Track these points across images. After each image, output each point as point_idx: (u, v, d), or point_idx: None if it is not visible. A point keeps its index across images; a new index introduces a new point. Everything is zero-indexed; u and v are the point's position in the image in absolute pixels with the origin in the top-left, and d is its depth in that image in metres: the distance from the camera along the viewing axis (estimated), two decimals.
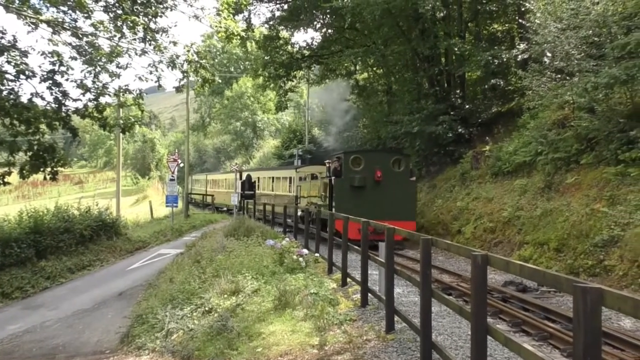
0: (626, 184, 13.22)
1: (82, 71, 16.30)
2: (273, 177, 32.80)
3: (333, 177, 19.30)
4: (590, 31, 15.24)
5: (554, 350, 7.47)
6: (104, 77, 19.14)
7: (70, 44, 15.99)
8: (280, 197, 29.68)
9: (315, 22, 32.07)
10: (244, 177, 29.37)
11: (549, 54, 17.09)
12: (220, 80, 63.62)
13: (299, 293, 10.33)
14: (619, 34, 14.48)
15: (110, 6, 16.56)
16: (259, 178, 33.94)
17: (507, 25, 27.73)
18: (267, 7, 31.82)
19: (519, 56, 21.04)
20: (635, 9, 13.88)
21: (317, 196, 21.77)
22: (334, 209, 18.09)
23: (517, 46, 21.73)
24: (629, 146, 13.89)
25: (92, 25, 16.14)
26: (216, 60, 74.88)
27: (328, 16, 30.29)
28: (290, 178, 28.31)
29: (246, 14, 30.01)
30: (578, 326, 3.27)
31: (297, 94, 48.26)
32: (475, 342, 5.01)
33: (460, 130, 23.76)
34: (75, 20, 16.31)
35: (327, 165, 20.70)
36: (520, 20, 22.23)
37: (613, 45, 14.38)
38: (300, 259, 13.30)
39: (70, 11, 16.11)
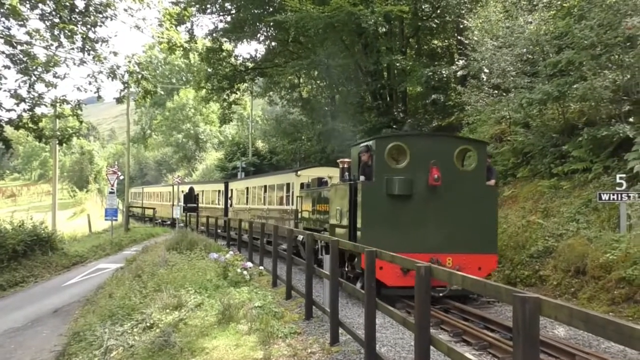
0: (559, 197, 13.79)
1: (16, 80, 15.82)
2: (265, 186, 23.23)
3: (356, 181, 11.56)
4: (525, 49, 15.87)
5: (493, 359, 7.66)
6: (40, 87, 18.61)
7: (3, 52, 15.48)
8: (270, 213, 21.96)
9: (258, 35, 32.11)
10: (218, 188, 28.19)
11: (486, 71, 17.68)
12: (162, 92, 62.70)
13: (243, 307, 10.24)
14: (551, 52, 15.15)
15: (47, 14, 16.15)
16: (233, 190, 28.22)
17: (446, 41, 28.55)
18: (209, 19, 31.83)
19: (458, 72, 21.68)
20: (565, 28, 14.54)
21: (324, 212, 14.04)
22: (359, 234, 10.93)
23: (457, 62, 22.40)
24: (561, 160, 14.53)
25: (27, 33, 15.69)
26: (158, 72, 73.76)
27: (272, 29, 30.36)
28: (288, 186, 20.09)
29: (189, 25, 29.76)
30: (517, 334, 3.38)
31: (241, 106, 48.00)
32: (419, 352, 5.10)
33: None
34: (9, 28, 15.83)
35: (342, 166, 13.47)
36: (459, 37, 22.92)
37: (546, 63, 15.03)
38: (245, 272, 13.20)
39: (3, 19, 15.61)
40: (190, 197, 27.02)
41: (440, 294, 10.21)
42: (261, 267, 14.97)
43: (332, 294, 8.18)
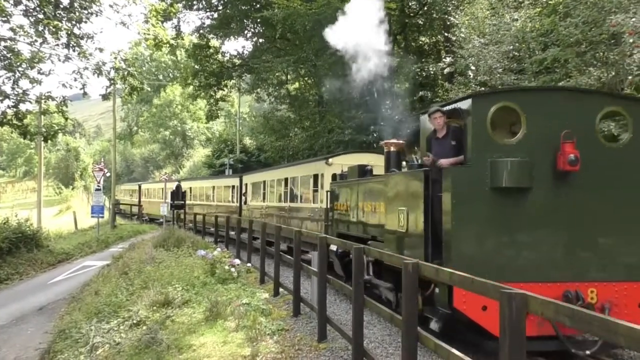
0: None
1: (0, 77, 15.65)
2: (286, 179, 19.08)
3: (436, 167, 7.63)
4: (511, 46, 15.94)
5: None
6: (25, 84, 18.41)
7: None
8: (292, 212, 17.93)
9: (246, 31, 32.00)
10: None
11: (473, 68, 17.74)
12: (149, 88, 62.37)
13: (230, 304, 10.22)
14: (537, 49, 15.23)
15: (31, 10, 16.00)
16: (247, 184, 24.10)
17: (433, 38, 28.61)
18: (197, 15, 31.55)
19: (446, 69, 21.74)
20: (550, 26, 14.61)
21: (371, 213, 10.12)
22: (446, 253, 7.01)
23: (444, 59, 22.45)
24: None
25: (11, 29, 15.54)
26: (144, 68, 73.31)
27: (259, 26, 30.28)
28: (315, 178, 16.25)
29: (175, 21, 29.61)
30: (504, 330, 3.40)
31: (229, 103, 47.82)
32: (406, 348, 5.12)
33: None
34: None
35: (388, 150, 10.14)
36: (446, 34, 22.98)
37: (532, 60, 15.11)
38: (232, 269, 13.17)
39: None
40: (178, 195, 26.91)
41: (587, 352, 6.48)
42: (249, 264, 14.96)
43: (319, 290, 8.19)
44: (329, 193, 13.52)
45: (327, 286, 8.31)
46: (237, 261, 14.04)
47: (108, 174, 35.82)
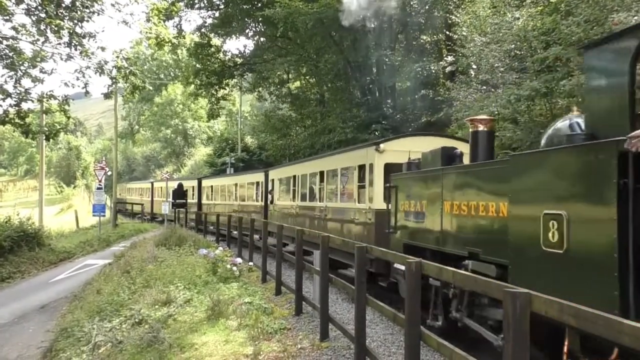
0: None
1: (2, 76, 15.68)
2: (322, 173, 15.48)
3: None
4: (513, 45, 15.92)
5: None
6: (27, 82, 18.44)
7: None
8: (328, 213, 14.46)
9: (247, 30, 32.02)
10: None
11: (474, 66, 17.73)
12: (150, 87, 62.41)
13: (232, 302, 10.23)
14: (539, 48, 15.21)
15: (33, 9, 16.01)
16: (274, 180, 20.66)
17: (435, 37, 28.59)
18: (198, 14, 31.56)
19: (447, 68, 21.72)
20: (552, 24, 14.59)
21: (473, 218, 6.90)
22: None
23: (445, 58, 22.43)
24: None
25: (13, 28, 15.55)
26: (145, 67, 73.30)
27: (260, 24, 30.28)
28: (361, 170, 12.67)
29: (177, 20, 29.62)
30: (508, 329, 3.40)
31: (230, 102, 47.80)
32: (408, 348, 5.12)
33: None
34: None
35: (475, 129, 7.69)
36: (447, 33, 22.97)
37: (533, 59, 15.09)
38: (234, 268, 13.18)
39: None
40: (180, 194, 26.95)
41: None
42: (251, 263, 14.96)
43: (322, 289, 8.19)
44: (390, 189, 10.03)
45: (329, 285, 8.31)
46: (239, 260, 14.05)
47: (109, 173, 35.84)
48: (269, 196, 20.87)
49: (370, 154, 12.12)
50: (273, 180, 20.79)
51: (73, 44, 15.84)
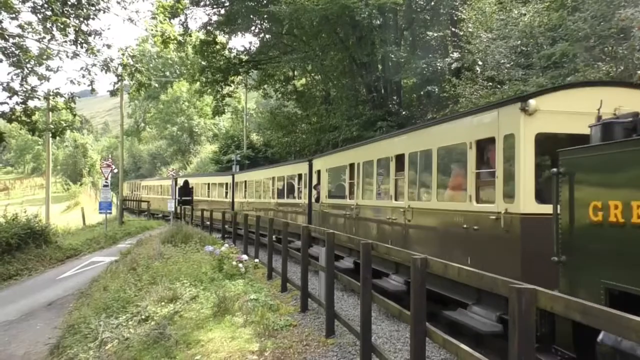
0: None
1: (8, 73, 15.75)
2: (401, 156, 10.60)
3: None
4: (519, 41, 15.87)
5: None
6: (33, 80, 18.52)
7: None
8: (419, 218, 9.72)
9: (253, 27, 31.98)
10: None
11: (480, 63, 17.68)
12: (156, 85, 62.48)
13: (238, 299, 10.25)
14: (545, 44, 15.16)
15: (39, 7, 16.06)
16: (320, 171, 16.55)
17: (441, 33, 28.51)
18: (203, 12, 31.55)
19: (453, 64, 21.66)
20: (559, 20, 14.53)
21: None
22: None
23: (451, 54, 22.37)
24: None
25: (20, 26, 15.61)
26: (151, 65, 73.38)
27: (266, 21, 30.25)
28: (484, 146, 7.89)
29: (182, 18, 29.62)
30: (513, 325, 3.39)
31: (235, 99, 47.81)
32: (414, 344, 5.12)
33: None
34: (0, 21, 15.75)
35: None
36: (453, 29, 22.90)
37: (540, 55, 15.03)
38: (240, 265, 13.20)
39: None
40: (185, 191, 26.98)
41: None
42: (256, 260, 14.98)
43: (327, 286, 8.19)
44: (557, 179, 5.47)
45: (334, 282, 8.31)
46: (245, 257, 14.08)
47: (115, 170, 35.95)
48: (314, 192, 17.00)
49: (508, 118, 7.29)
50: (319, 171, 16.63)
51: (79, 41, 15.89)
